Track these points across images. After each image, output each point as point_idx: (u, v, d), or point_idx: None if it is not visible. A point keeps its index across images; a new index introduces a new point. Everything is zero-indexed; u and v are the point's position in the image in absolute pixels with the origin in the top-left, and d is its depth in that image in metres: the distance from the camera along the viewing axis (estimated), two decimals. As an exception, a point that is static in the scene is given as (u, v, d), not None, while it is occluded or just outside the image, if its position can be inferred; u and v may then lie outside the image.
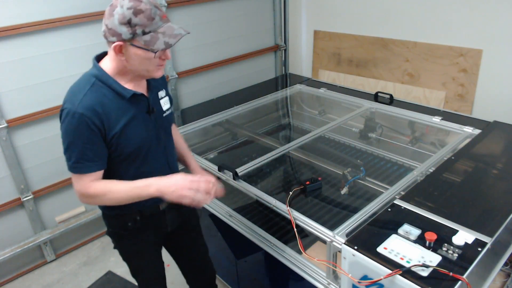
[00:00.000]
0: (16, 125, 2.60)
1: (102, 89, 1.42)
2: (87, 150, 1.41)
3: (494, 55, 2.64)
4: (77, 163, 1.42)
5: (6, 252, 2.70)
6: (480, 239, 1.41)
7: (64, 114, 1.39)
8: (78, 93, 1.40)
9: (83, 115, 1.36)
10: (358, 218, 1.62)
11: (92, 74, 1.44)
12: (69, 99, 1.40)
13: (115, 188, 1.46)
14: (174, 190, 1.43)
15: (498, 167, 1.90)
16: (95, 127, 1.38)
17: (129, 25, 1.31)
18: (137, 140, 1.50)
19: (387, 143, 2.56)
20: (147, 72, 1.44)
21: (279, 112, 3.16)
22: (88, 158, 1.42)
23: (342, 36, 3.50)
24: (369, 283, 1.37)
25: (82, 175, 1.44)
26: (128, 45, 1.35)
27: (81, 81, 1.45)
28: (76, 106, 1.36)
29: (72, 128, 1.38)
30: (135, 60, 1.39)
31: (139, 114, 1.51)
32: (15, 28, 2.44)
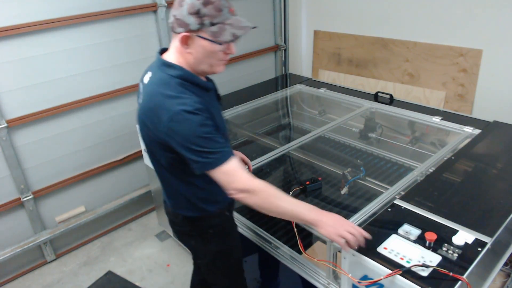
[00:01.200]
0: (16, 125, 2.60)
1: (190, 87, 1.40)
2: (218, 137, 1.36)
3: (494, 55, 2.64)
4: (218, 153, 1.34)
5: (6, 252, 2.70)
6: (480, 239, 1.41)
7: (182, 117, 1.31)
8: (180, 95, 1.35)
9: (201, 109, 1.34)
10: (358, 218, 1.62)
11: (173, 75, 1.39)
12: (176, 103, 1.33)
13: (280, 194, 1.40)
14: (338, 226, 1.37)
15: (498, 167, 1.90)
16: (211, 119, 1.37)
17: (197, 15, 1.30)
18: (224, 129, 1.52)
19: (387, 143, 2.56)
20: (210, 67, 1.43)
21: (279, 112, 3.17)
22: (223, 145, 1.37)
23: (342, 36, 3.50)
24: (369, 283, 1.37)
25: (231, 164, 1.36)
26: (195, 36, 1.34)
27: (167, 85, 1.38)
28: (191, 105, 1.32)
29: (198, 124, 1.32)
30: (200, 53, 1.38)
31: (216, 104, 1.55)
32: (15, 28, 2.43)
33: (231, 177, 1.37)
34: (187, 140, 1.33)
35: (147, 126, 1.42)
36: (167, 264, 2.90)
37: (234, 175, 1.37)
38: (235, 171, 1.37)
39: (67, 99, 2.77)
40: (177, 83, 1.38)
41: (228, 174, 1.36)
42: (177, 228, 1.72)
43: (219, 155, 1.35)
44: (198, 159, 1.34)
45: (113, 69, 2.94)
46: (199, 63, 1.41)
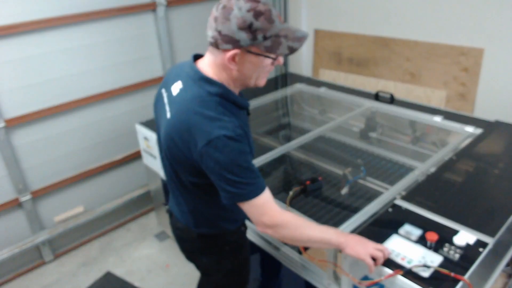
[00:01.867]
0: (15, 125, 2.59)
1: (228, 106, 1.30)
2: (254, 167, 1.29)
3: (495, 54, 2.62)
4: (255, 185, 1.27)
5: (4, 253, 2.69)
6: (481, 239, 1.40)
7: (222, 142, 1.21)
8: (221, 117, 1.24)
9: (241, 135, 1.25)
10: (359, 218, 1.61)
11: (213, 93, 1.29)
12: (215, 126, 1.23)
13: (305, 223, 1.35)
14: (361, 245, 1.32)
15: (500, 167, 1.88)
16: (249, 146, 1.31)
17: (249, 29, 1.18)
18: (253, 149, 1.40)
19: (388, 143, 2.54)
20: (256, 80, 1.33)
21: (279, 111, 3.15)
22: (259, 175, 1.30)
23: (342, 35, 3.49)
24: (369, 283, 1.36)
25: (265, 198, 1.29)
26: (244, 52, 1.23)
27: (206, 104, 1.27)
28: (231, 129, 1.23)
29: (239, 151, 1.24)
30: (249, 69, 1.28)
31: (248, 121, 1.45)
32: (14, 27, 2.43)
33: (262, 211, 1.30)
34: (224, 168, 1.23)
35: (175, 144, 1.31)
36: (166, 264, 2.89)
37: (264, 209, 1.30)
38: (266, 205, 1.30)
39: (66, 99, 2.76)
40: (217, 102, 1.27)
41: (259, 207, 1.29)
42: (187, 245, 1.66)
43: (254, 187, 1.27)
44: (231, 189, 1.26)
45: (112, 68, 2.93)
46: (244, 78, 1.31)
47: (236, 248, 1.64)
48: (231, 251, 1.63)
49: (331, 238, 1.34)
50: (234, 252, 1.64)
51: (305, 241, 1.38)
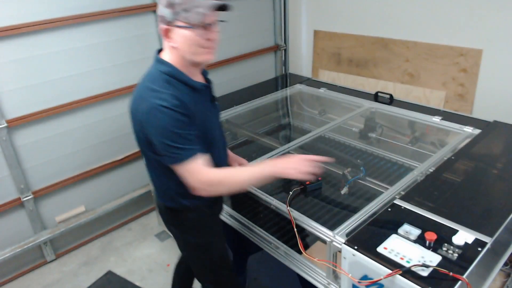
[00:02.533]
0: (16, 125, 2.60)
1: (175, 83, 1.46)
2: (189, 135, 1.43)
3: (494, 55, 2.64)
4: (185, 150, 1.42)
5: (6, 252, 2.70)
6: (480, 239, 1.41)
7: (158, 110, 1.39)
8: (162, 90, 1.42)
9: (177, 106, 1.40)
10: (358, 218, 1.62)
11: (162, 71, 1.47)
12: (155, 97, 1.41)
13: (238, 172, 1.54)
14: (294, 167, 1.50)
15: (498, 167, 1.89)
16: (188, 114, 1.43)
17: (171, 6, 1.38)
18: (212, 129, 1.59)
19: (387, 143, 2.55)
20: (195, 55, 1.46)
21: (279, 112, 3.16)
22: (192, 143, 1.44)
23: (342, 36, 3.50)
24: (369, 283, 1.37)
25: (195, 162, 1.44)
26: (174, 28, 1.41)
27: (155, 80, 1.46)
28: (169, 100, 1.39)
29: (171, 120, 1.39)
30: (183, 43, 1.43)
31: (207, 104, 1.59)
32: (15, 28, 2.43)
33: (195, 173, 1.44)
34: (160, 133, 1.40)
35: (134, 120, 1.51)
36: (167, 264, 2.90)
37: (198, 171, 1.44)
38: (200, 168, 1.44)
39: (67, 99, 2.77)
40: (164, 79, 1.45)
41: (193, 170, 1.44)
42: (161, 216, 1.81)
43: (187, 152, 1.42)
44: (166, 153, 1.43)
45: (112, 69, 2.94)
46: (184, 55, 1.46)
47: (197, 226, 1.72)
48: (192, 227, 1.72)
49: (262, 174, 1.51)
50: (196, 229, 1.73)
51: (240, 188, 1.57)
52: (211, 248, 1.78)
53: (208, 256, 1.79)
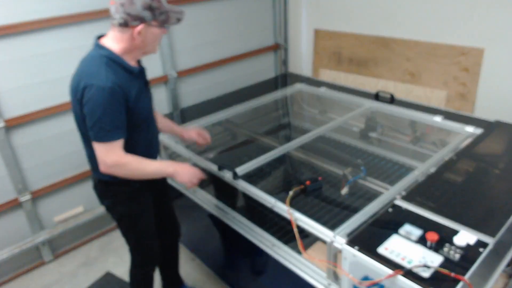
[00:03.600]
0: (14, 125, 2.59)
1: (114, 66, 1.66)
2: (118, 119, 1.63)
3: (496, 54, 2.62)
4: (112, 132, 1.63)
5: (4, 253, 2.69)
6: (482, 239, 1.40)
7: (93, 90, 1.58)
8: (100, 71, 1.61)
9: (113, 88, 1.59)
10: (359, 218, 1.61)
11: (102, 55, 1.66)
12: (91, 77, 1.60)
13: (145, 161, 1.75)
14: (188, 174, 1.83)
15: (500, 167, 1.88)
16: (122, 98, 1.63)
17: (150, 9, 1.61)
18: (145, 109, 1.80)
19: (388, 143, 2.55)
20: (153, 48, 1.75)
21: (279, 111, 3.15)
22: (119, 126, 1.65)
23: (342, 35, 3.49)
24: (370, 283, 1.36)
25: (114, 144, 1.65)
26: (148, 26, 1.65)
27: (95, 62, 1.65)
28: (104, 81, 1.58)
29: (104, 100, 1.58)
30: (150, 39, 1.69)
31: (142, 87, 1.79)
32: (13, 27, 2.43)
33: (108, 152, 1.66)
34: (90, 110, 1.60)
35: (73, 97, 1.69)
36: (166, 264, 2.88)
37: (111, 151, 1.66)
38: (113, 149, 1.66)
39: (66, 99, 2.75)
40: (104, 62, 1.64)
41: (106, 150, 1.65)
42: (96, 191, 1.97)
43: (106, 133, 1.62)
44: (90, 129, 1.63)
45: (112, 68, 2.93)
46: (145, 47, 1.71)
47: (126, 199, 1.91)
48: (122, 199, 1.91)
49: (163, 170, 1.83)
50: (125, 202, 1.92)
51: (143, 175, 1.78)
52: (137, 220, 1.98)
53: (134, 226, 2.00)
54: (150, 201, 2.02)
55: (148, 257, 2.13)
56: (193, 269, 2.84)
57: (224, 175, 2.04)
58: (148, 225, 2.03)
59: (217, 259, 2.52)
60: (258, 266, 2.09)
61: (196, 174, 1.86)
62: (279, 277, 1.93)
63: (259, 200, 1.87)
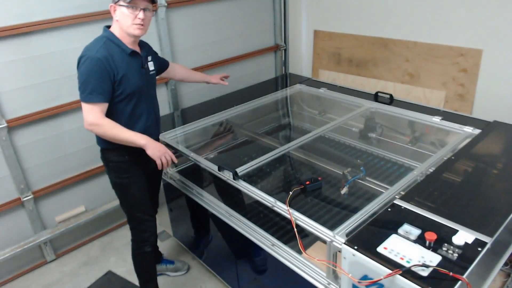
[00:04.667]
0: (16, 125, 2.60)
1: (111, 45, 1.96)
2: (98, 86, 1.89)
3: (494, 55, 2.64)
4: (90, 94, 1.88)
5: (6, 252, 2.70)
6: (480, 239, 1.41)
7: (84, 59, 1.90)
8: (95, 46, 1.92)
9: (99, 59, 1.88)
10: (358, 218, 1.62)
11: (103, 35, 1.99)
12: (87, 50, 1.92)
13: (120, 127, 1.96)
14: (158, 150, 2.01)
15: (498, 167, 1.90)
16: (106, 70, 1.89)
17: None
18: (134, 85, 2.02)
19: (387, 143, 2.56)
20: (129, 28, 1.95)
21: (279, 112, 3.17)
22: (98, 91, 1.89)
23: (342, 36, 3.50)
24: (369, 283, 1.37)
25: (94, 106, 1.90)
26: (118, 6, 1.92)
27: (95, 41, 1.98)
28: (95, 53, 1.89)
29: (90, 68, 1.88)
30: (120, 17, 1.94)
31: (136, 67, 2.05)
32: (15, 28, 2.43)
33: (89, 112, 1.91)
34: (80, 75, 1.91)
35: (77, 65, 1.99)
36: (167, 264, 2.89)
37: (91, 112, 1.91)
38: (94, 110, 1.91)
39: (67, 99, 2.77)
40: (102, 40, 1.96)
41: (89, 109, 1.91)
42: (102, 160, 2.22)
43: (90, 95, 1.88)
44: (80, 89, 1.91)
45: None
46: (122, 27, 1.96)
47: (117, 167, 2.15)
48: (115, 168, 2.16)
49: (136, 140, 1.98)
50: (117, 169, 2.16)
51: (116, 139, 1.97)
52: (128, 189, 2.19)
53: (124, 195, 2.23)
54: (141, 176, 2.21)
55: (141, 230, 2.31)
56: (193, 268, 2.85)
57: (224, 175, 2.05)
58: (138, 198, 2.23)
59: (217, 259, 2.54)
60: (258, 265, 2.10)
61: (166, 153, 2.04)
62: (279, 276, 1.94)
63: (259, 200, 1.89)
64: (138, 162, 2.15)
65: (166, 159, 2.04)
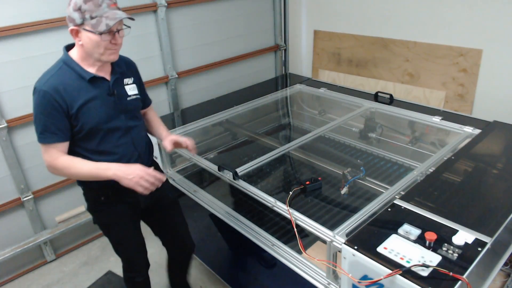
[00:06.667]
0: (16, 125, 2.60)
1: (67, 71, 1.64)
2: (50, 123, 1.60)
3: (494, 55, 2.64)
4: (42, 134, 1.62)
5: (6, 252, 2.70)
6: (480, 239, 1.41)
7: (33, 91, 1.61)
8: (47, 75, 1.63)
9: (46, 93, 1.57)
10: (358, 218, 1.62)
11: (61, 59, 1.68)
12: (39, 80, 1.63)
13: (78, 164, 1.65)
14: (132, 178, 1.63)
15: (498, 167, 1.90)
16: (57, 103, 1.58)
17: (79, 11, 1.53)
18: (96, 118, 1.67)
19: (387, 143, 2.56)
20: (100, 55, 1.63)
21: (279, 112, 3.17)
22: (51, 130, 1.61)
23: (342, 36, 3.50)
24: (369, 283, 1.37)
25: (48, 146, 1.63)
26: (82, 30, 1.57)
27: (52, 66, 1.68)
28: (42, 84, 1.59)
29: (38, 103, 1.59)
30: (89, 44, 1.59)
31: (100, 95, 1.69)
32: (15, 28, 2.44)
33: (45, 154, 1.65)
34: (33, 111, 1.63)
35: None
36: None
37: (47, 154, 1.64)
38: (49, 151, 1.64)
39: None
40: (58, 66, 1.65)
41: (44, 152, 1.65)
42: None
43: (42, 135, 1.62)
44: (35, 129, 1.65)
45: (113, 69, 2.94)
46: (90, 53, 1.62)
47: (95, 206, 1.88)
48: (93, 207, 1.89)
49: (98, 174, 1.65)
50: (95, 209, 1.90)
51: (81, 177, 1.72)
52: (109, 230, 1.95)
53: (109, 235, 1.98)
54: (124, 213, 1.89)
55: (129, 264, 2.07)
56: (194, 268, 2.85)
57: (224, 175, 2.05)
58: (122, 237, 1.96)
59: (217, 259, 2.54)
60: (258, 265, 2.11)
61: (144, 175, 1.64)
62: (279, 276, 1.94)
63: (260, 200, 1.89)
64: (118, 198, 1.82)
65: (147, 183, 1.64)
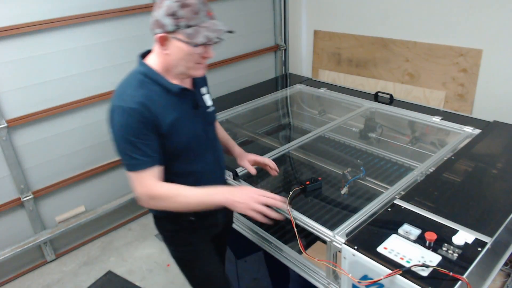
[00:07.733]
0: (16, 125, 2.60)
1: (150, 85, 1.42)
2: (142, 145, 1.37)
3: (494, 55, 2.64)
4: (133, 160, 1.38)
5: (6, 252, 2.70)
6: (480, 239, 1.41)
7: (115, 111, 1.37)
8: (127, 90, 1.39)
9: (135, 110, 1.34)
10: (358, 218, 1.62)
11: (138, 71, 1.44)
12: (118, 97, 1.39)
13: (184, 191, 1.44)
14: (246, 199, 1.43)
15: (498, 167, 1.89)
16: (148, 120, 1.36)
17: (173, 17, 1.32)
18: (188, 136, 1.49)
19: (387, 143, 2.55)
20: (187, 69, 1.43)
21: (279, 112, 3.16)
22: (144, 154, 1.38)
23: (342, 36, 3.50)
24: (369, 283, 1.37)
25: (142, 173, 1.40)
26: (171, 38, 1.36)
27: (128, 79, 1.44)
28: (128, 102, 1.35)
29: (125, 124, 1.35)
30: (177, 55, 1.38)
31: (187, 110, 1.51)
32: (15, 28, 2.44)
33: (140, 184, 1.41)
34: (115, 136, 1.39)
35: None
36: (167, 264, 2.90)
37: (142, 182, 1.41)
38: (144, 179, 1.41)
39: (67, 99, 2.77)
40: (138, 78, 1.42)
41: (138, 180, 1.41)
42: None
43: (135, 161, 1.38)
44: (120, 158, 1.42)
45: (112, 69, 2.94)
46: (176, 65, 1.42)
47: (176, 238, 1.67)
48: (172, 238, 1.68)
49: (209, 200, 1.44)
50: (175, 241, 1.68)
51: (184, 208, 1.48)
52: (191, 265, 1.71)
53: (188, 272, 1.75)
54: (207, 240, 1.70)
55: None
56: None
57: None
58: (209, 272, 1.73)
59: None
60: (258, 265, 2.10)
61: (255, 198, 1.43)
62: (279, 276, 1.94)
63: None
64: (203, 221, 1.63)
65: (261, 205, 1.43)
